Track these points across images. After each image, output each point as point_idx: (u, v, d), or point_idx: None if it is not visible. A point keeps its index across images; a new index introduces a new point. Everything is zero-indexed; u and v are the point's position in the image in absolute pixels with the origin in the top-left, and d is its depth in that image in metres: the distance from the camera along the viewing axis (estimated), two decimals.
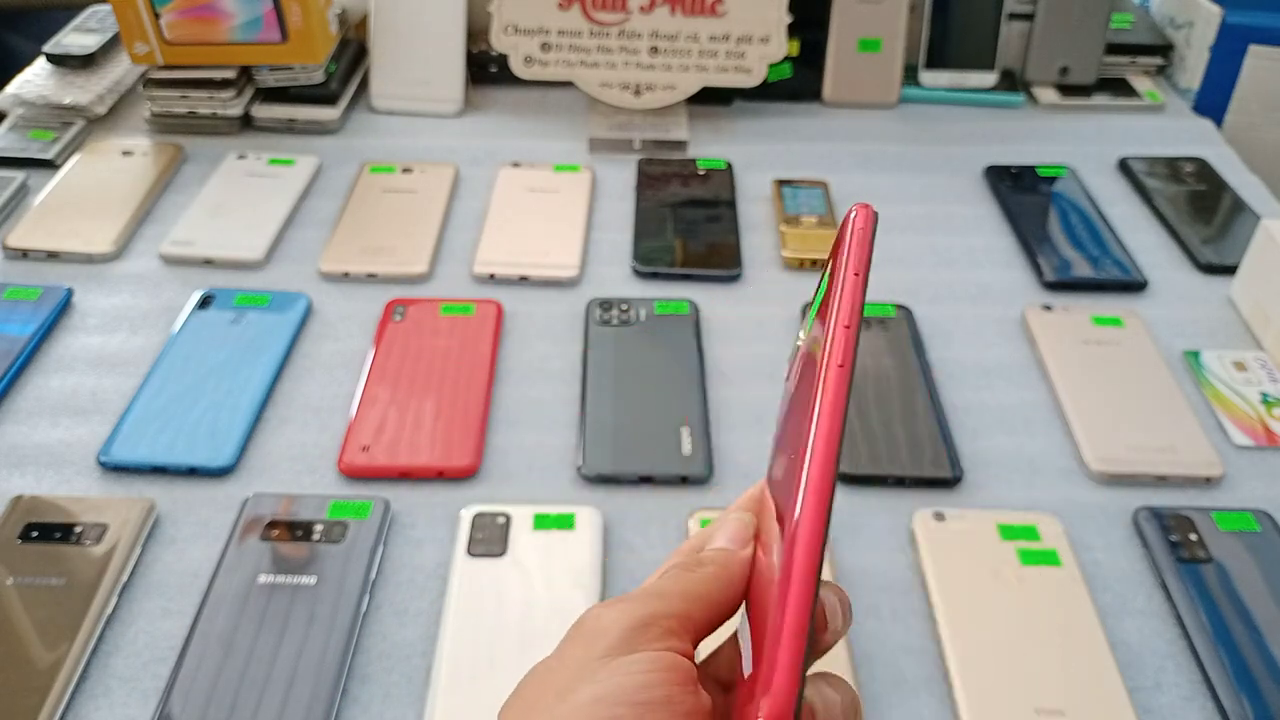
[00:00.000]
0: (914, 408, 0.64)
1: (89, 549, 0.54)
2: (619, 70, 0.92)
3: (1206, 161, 0.90)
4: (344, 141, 0.91)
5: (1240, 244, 0.77)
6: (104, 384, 0.65)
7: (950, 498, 0.60)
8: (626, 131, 0.92)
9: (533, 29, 0.91)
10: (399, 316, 0.70)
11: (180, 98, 0.89)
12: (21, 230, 0.77)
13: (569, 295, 0.74)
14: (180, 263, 0.76)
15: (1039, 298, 0.75)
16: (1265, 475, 0.61)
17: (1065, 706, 0.48)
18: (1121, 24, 1.05)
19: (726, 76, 0.92)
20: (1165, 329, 0.72)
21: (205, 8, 0.86)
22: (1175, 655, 0.52)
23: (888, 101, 0.99)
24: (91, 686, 0.49)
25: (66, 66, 0.94)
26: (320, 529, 0.55)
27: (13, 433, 0.62)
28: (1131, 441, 0.62)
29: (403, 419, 0.62)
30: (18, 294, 0.71)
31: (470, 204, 0.83)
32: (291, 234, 0.80)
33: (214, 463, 0.59)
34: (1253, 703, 0.49)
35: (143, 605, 0.53)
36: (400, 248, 0.77)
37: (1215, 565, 0.55)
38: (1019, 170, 0.89)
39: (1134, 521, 0.58)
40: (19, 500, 0.56)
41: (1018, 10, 0.99)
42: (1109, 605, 0.54)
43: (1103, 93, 1.00)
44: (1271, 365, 0.69)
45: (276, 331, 0.69)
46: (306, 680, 0.48)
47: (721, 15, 0.90)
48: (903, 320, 0.71)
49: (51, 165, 0.86)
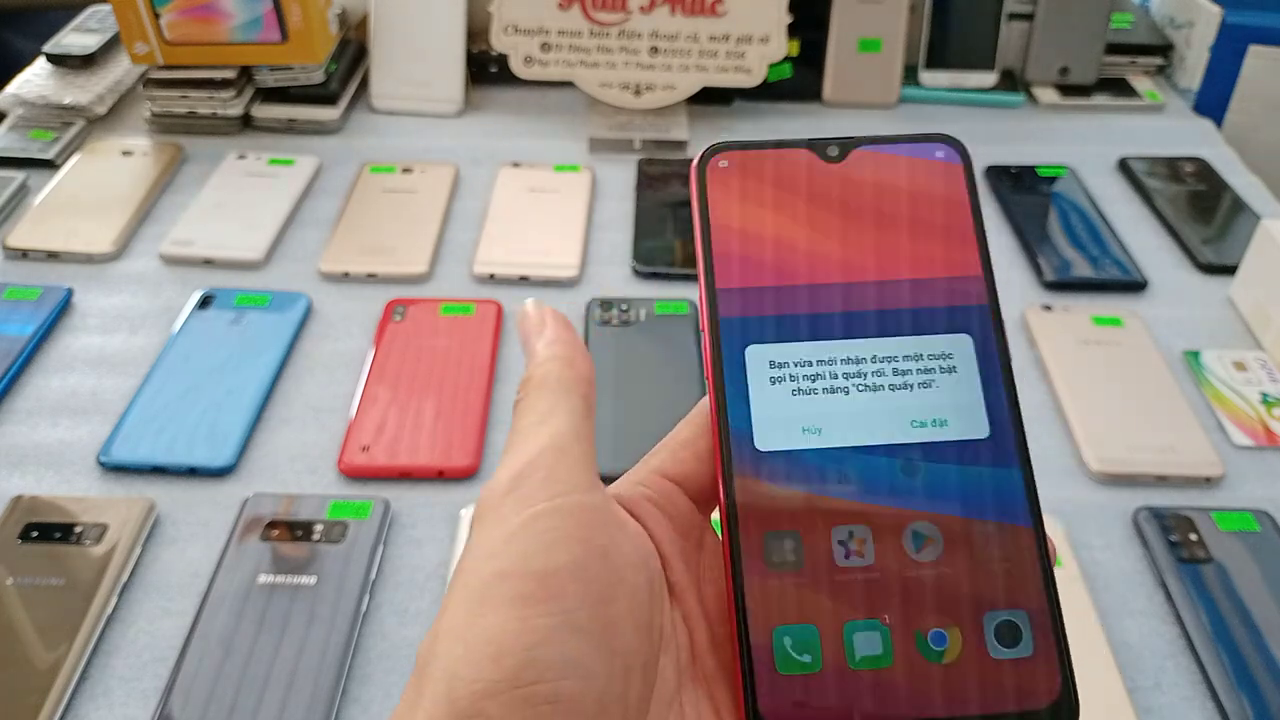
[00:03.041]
0: None
1: (89, 549, 0.54)
2: (619, 70, 0.92)
3: (1206, 161, 0.90)
4: (344, 141, 0.91)
5: (1240, 244, 0.77)
6: (104, 384, 0.65)
7: None
8: (626, 131, 0.92)
9: (533, 29, 0.91)
10: (399, 316, 0.70)
11: (180, 98, 0.89)
12: (21, 230, 0.77)
13: (569, 295, 0.74)
14: (180, 263, 0.76)
15: (1039, 298, 0.75)
16: (1265, 475, 0.61)
17: None
18: (1121, 24, 1.05)
19: (726, 76, 0.92)
20: (1165, 329, 0.72)
21: (205, 8, 0.86)
22: (1175, 655, 0.52)
23: (888, 101, 0.99)
24: (91, 686, 0.49)
25: (66, 66, 0.94)
26: (320, 529, 0.55)
27: (13, 433, 0.62)
28: (1131, 441, 0.62)
29: (403, 419, 0.62)
30: (18, 294, 0.71)
31: (470, 204, 0.83)
32: (291, 234, 0.80)
33: (214, 463, 0.59)
34: (1253, 703, 0.49)
35: (143, 605, 0.53)
36: (400, 248, 0.77)
37: (1215, 565, 0.55)
38: (1019, 170, 0.89)
39: (1134, 521, 0.58)
40: (19, 500, 0.56)
41: (1018, 10, 0.99)
42: (1109, 605, 0.54)
43: (1103, 93, 1.00)
44: (1271, 365, 0.69)
45: (276, 331, 0.69)
46: (306, 680, 0.48)
47: (721, 15, 0.90)
48: None
49: (51, 165, 0.86)
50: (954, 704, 0.23)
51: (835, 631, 0.23)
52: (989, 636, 0.23)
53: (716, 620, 0.25)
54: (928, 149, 0.27)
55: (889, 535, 0.24)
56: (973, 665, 0.23)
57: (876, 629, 0.23)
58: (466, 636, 0.21)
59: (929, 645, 0.23)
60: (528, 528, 0.22)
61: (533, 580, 0.21)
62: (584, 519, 0.22)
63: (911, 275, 0.26)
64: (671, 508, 0.25)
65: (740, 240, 0.26)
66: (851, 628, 0.23)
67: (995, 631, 0.23)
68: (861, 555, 0.24)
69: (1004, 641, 0.23)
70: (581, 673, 0.21)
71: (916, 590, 0.23)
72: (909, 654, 0.23)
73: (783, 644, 0.23)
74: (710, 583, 0.25)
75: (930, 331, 0.25)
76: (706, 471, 0.26)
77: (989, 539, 0.24)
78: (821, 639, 0.23)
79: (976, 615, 0.23)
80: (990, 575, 0.24)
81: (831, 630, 0.23)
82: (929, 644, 0.23)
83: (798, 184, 0.26)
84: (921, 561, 0.24)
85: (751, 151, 0.27)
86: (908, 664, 0.23)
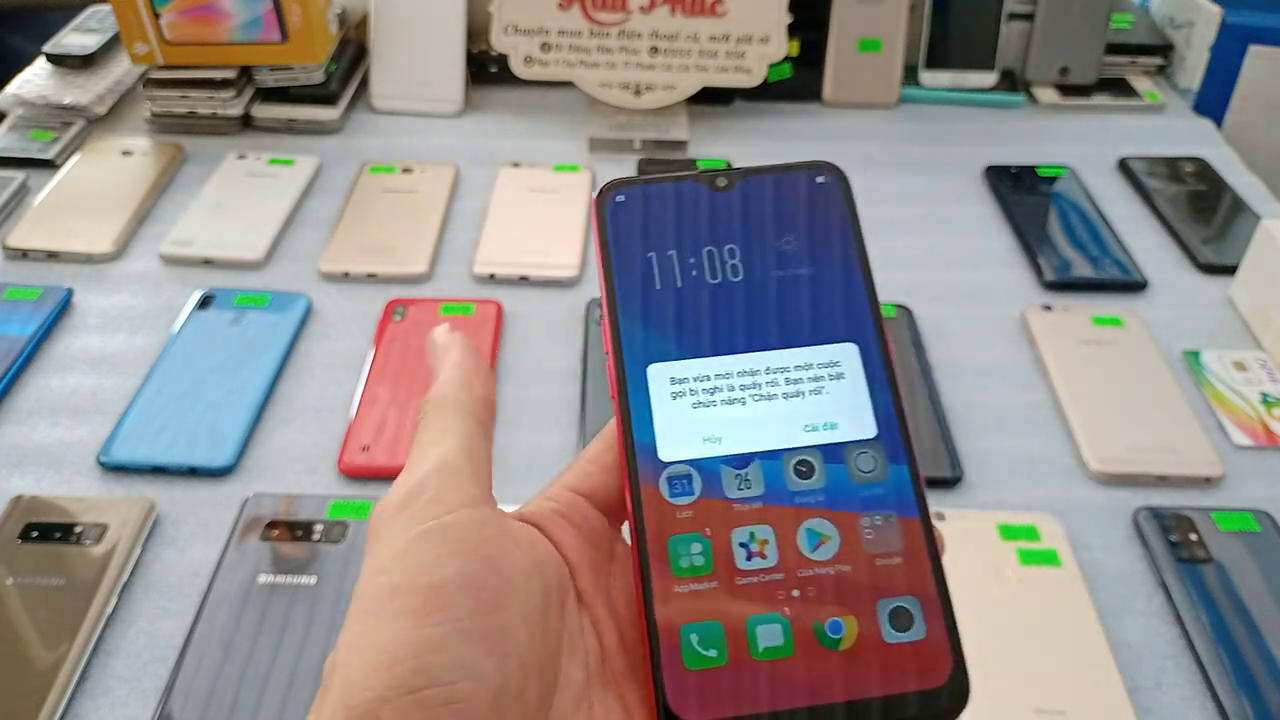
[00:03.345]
0: (914, 408, 0.64)
1: (89, 549, 0.54)
2: (619, 70, 0.92)
3: (1206, 161, 0.90)
4: (344, 141, 0.91)
5: (1240, 244, 0.77)
6: (104, 384, 0.65)
7: (950, 498, 0.60)
8: (626, 131, 0.92)
9: (533, 29, 0.91)
10: (399, 316, 0.70)
11: (180, 98, 0.89)
12: (21, 230, 0.77)
13: (569, 295, 0.74)
14: (180, 263, 0.76)
15: (1039, 298, 0.75)
16: (1265, 475, 0.61)
17: (1065, 706, 0.48)
18: (1121, 24, 1.05)
19: (726, 76, 0.92)
20: (1165, 329, 0.72)
21: (205, 8, 0.86)
22: (1175, 655, 0.52)
23: (888, 101, 0.99)
24: (91, 686, 0.49)
25: (66, 66, 0.94)
26: (320, 529, 0.55)
27: (13, 433, 0.62)
28: (1131, 441, 0.62)
29: (403, 419, 0.62)
30: (18, 294, 0.71)
31: (470, 204, 0.83)
32: (291, 234, 0.80)
33: (214, 463, 0.59)
34: (1253, 703, 0.49)
35: (143, 605, 0.53)
36: (400, 248, 0.77)
37: (1215, 565, 0.55)
38: (1019, 170, 0.89)
39: (1134, 521, 0.58)
40: (19, 500, 0.56)
41: (1018, 10, 0.99)
42: (1109, 605, 0.54)
43: (1103, 93, 1.00)
44: (1271, 365, 0.69)
45: (276, 331, 0.69)
46: (306, 680, 0.48)
47: (721, 15, 0.90)
48: (903, 320, 0.71)
49: (51, 165, 0.86)
50: (853, 687, 0.24)
51: (739, 627, 0.24)
52: (883, 622, 0.25)
53: (627, 624, 0.26)
54: (809, 175, 0.29)
55: (788, 533, 0.25)
56: (869, 650, 0.24)
57: (777, 621, 0.24)
58: (361, 647, 0.22)
59: (827, 634, 0.24)
60: (417, 544, 0.23)
61: (422, 593, 0.22)
62: (471, 533, 0.23)
63: (799, 291, 0.28)
64: (580, 519, 0.27)
65: (638, 267, 0.28)
66: (754, 622, 0.24)
67: (889, 617, 0.25)
68: (763, 555, 0.25)
69: (897, 626, 0.25)
70: (474, 675, 0.21)
71: (814, 583, 0.25)
72: (809, 643, 0.24)
73: (690, 642, 0.24)
74: (621, 589, 0.26)
75: (818, 342, 0.27)
76: (615, 484, 0.27)
77: (880, 531, 0.25)
78: (726, 634, 0.24)
79: (870, 603, 0.25)
80: (882, 565, 0.25)
81: (735, 626, 0.24)
82: (827, 633, 0.24)
83: (689, 213, 0.29)
84: (818, 557, 0.25)
85: (645, 186, 0.29)
86: (808, 653, 0.24)
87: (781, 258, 0.28)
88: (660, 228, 0.28)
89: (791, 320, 0.27)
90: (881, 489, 0.26)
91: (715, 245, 0.28)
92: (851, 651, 0.24)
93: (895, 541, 0.25)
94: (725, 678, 0.24)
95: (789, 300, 0.28)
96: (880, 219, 0.81)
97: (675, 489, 0.26)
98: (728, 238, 0.28)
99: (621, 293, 0.28)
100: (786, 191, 0.29)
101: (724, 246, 0.28)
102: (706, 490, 0.26)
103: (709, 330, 0.27)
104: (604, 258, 0.28)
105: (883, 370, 0.27)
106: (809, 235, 0.28)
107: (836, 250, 0.28)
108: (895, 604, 0.25)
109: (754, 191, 0.29)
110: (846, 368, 0.27)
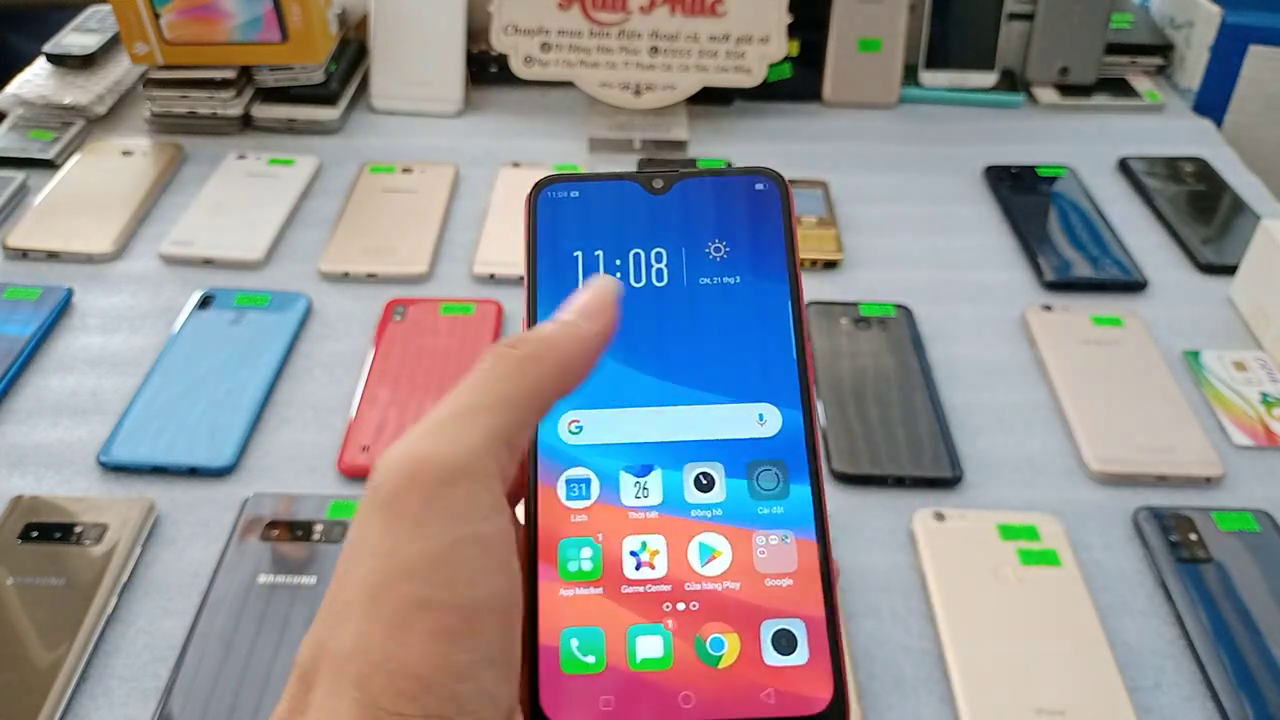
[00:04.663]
0: (914, 408, 0.64)
1: (89, 549, 0.54)
2: (619, 70, 0.92)
3: (1206, 161, 0.90)
4: (344, 141, 0.91)
5: (1240, 244, 0.77)
6: (104, 384, 0.65)
7: (950, 498, 0.60)
8: (626, 131, 0.92)
9: (533, 29, 0.91)
10: (399, 316, 0.70)
11: (180, 98, 0.89)
12: (21, 230, 0.77)
13: None
14: (180, 263, 0.76)
15: (1039, 298, 0.75)
16: (1265, 475, 0.61)
17: (1065, 706, 0.48)
18: (1121, 24, 1.05)
19: (726, 76, 0.92)
20: (1165, 329, 0.72)
21: (205, 8, 0.86)
22: (1175, 655, 0.52)
23: (888, 101, 0.99)
24: (91, 686, 0.49)
25: (66, 66, 0.94)
26: (320, 529, 0.55)
27: (13, 433, 0.62)
28: (1131, 441, 0.62)
29: (403, 419, 0.62)
30: (18, 294, 0.71)
31: (470, 204, 0.83)
32: (291, 234, 0.80)
33: (214, 463, 0.59)
34: (1253, 703, 0.49)
35: (143, 605, 0.53)
36: (400, 248, 0.77)
37: (1215, 565, 0.55)
38: (1019, 170, 0.89)
39: (1134, 521, 0.58)
40: (19, 500, 0.56)
41: (1018, 10, 0.99)
42: (1109, 605, 0.54)
43: (1103, 93, 1.00)
44: (1271, 365, 0.69)
45: (276, 331, 0.69)
46: None
47: (721, 15, 0.90)
48: (903, 320, 0.71)
49: (51, 165, 0.86)
50: (728, 707, 0.24)
51: (620, 635, 0.24)
52: (765, 644, 0.24)
53: None
54: (748, 181, 0.29)
55: (680, 546, 0.25)
56: (748, 671, 0.24)
57: (659, 633, 0.24)
58: (382, 660, 0.21)
59: (708, 650, 0.24)
60: (452, 553, 0.21)
61: (456, 615, 0.21)
62: (501, 548, 0.22)
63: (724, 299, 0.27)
64: None
65: (564, 264, 0.28)
66: (635, 631, 0.24)
67: (772, 639, 0.24)
68: (652, 566, 0.25)
69: (780, 649, 0.24)
70: (494, 702, 0.21)
71: (700, 598, 0.25)
72: (688, 658, 0.24)
73: (569, 646, 0.24)
74: None
75: (739, 365, 0.27)
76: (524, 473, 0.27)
77: (774, 551, 0.25)
78: (606, 641, 0.24)
79: (755, 623, 0.24)
80: (772, 585, 0.25)
81: (616, 634, 0.24)
82: (708, 649, 0.24)
83: (622, 213, 0.28)
84: (708, 572, 0.25)
85: (581, 183, 0.28)
86: (686, 668, 0.24)
87: (709, 264, 0.28)
88: (590, 226, 0.28)
89: (711, 335, 0.27)
90: (782, 508, 0.25)
91: (643, 247, 0.28)
92: (731, 670, 0.24)
93: (789, 563, 0.25)
94: (599, 684, 0.24)
95: (710, 311, 0.27)
96: (880, 219, 0.81)
97: (572, 492, 0.26)
98: (657, 240, 0.28)
99: (544, 288, 0.27)
100: (723, 197, 0.28)
101: (652, 249, 0.28)
102: (604, 496, 0.26)
103: (629, 331, 0.26)
104: (529, 252, 0.28)
105: (797, 388, 0.26)
106: (740, 242, 0.28)
107: (766, 259, 0.28)
108: (780, 626, 0.24)
109: (690, 195, 0.28)
110: None
